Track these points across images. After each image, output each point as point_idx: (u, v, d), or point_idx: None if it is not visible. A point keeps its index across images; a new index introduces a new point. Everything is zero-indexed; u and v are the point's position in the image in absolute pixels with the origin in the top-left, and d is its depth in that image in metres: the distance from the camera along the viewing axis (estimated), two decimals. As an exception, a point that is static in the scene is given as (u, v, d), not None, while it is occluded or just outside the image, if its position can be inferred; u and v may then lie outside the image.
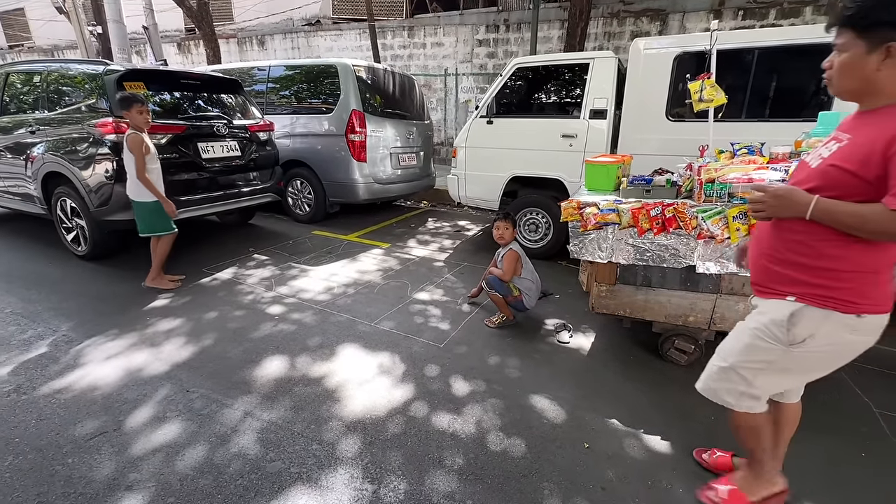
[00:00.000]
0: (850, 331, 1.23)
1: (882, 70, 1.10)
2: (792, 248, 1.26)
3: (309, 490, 1.63)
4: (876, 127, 1.11)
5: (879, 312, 1.22)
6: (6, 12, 15.40)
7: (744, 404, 1.43)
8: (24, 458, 1.75)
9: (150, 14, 9.13)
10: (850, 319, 1.21)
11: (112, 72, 3.57)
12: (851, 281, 1.20)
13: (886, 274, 1.22)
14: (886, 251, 1.19)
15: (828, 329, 1.23)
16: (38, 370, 2.32)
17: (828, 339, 1.25)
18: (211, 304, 3.14)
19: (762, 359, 1.34)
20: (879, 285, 1.21)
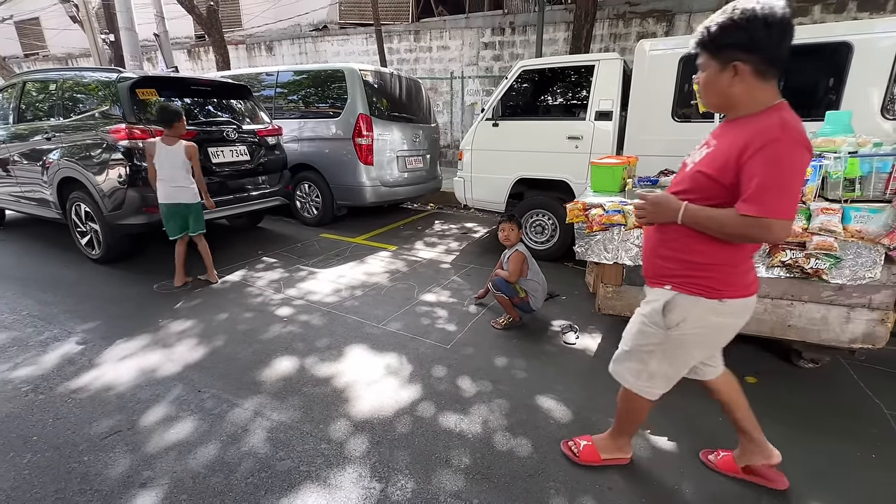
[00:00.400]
0: (715, 314, 1.37)
1: (734, 86, 1.23)
2: (669, 245, 1.41)
3: (318, 488, 1.65)
4: (733, 136, 1.22)
5: (741, 297, 1.36)
6: (22, 22, 15.75)
7: (641, 384, 1.56)
8: (41, 455, 1.80)
9: (160, 22, 9.29)
10: (714, 304, 1.35)
11: (125, 79, 3.65)
12: (714, 271, 1.34)
13: (745, 265, 1.37)
14: (746, 250, 1.34)
15: (697, 313, 1.38)
16: (55, 371, 2.38)
17: (698, 322, 1.39)
18: (221, 306, 3.19)
19: (650, 342, 1.48)
20: (739, 275, 1.36)
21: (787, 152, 1.13)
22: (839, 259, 1.97)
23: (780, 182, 1.14)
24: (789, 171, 1.14)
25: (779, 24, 1.14)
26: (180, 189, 3.34)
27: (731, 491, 1.68)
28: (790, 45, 1.19)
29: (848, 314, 2.10)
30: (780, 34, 1.16)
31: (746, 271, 1.38)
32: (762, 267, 2.12)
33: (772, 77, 1.22)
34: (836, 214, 1.94)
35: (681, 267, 1.38)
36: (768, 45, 1.17)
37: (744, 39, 1.17)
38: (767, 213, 1.15)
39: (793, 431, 1.99)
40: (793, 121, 1.17)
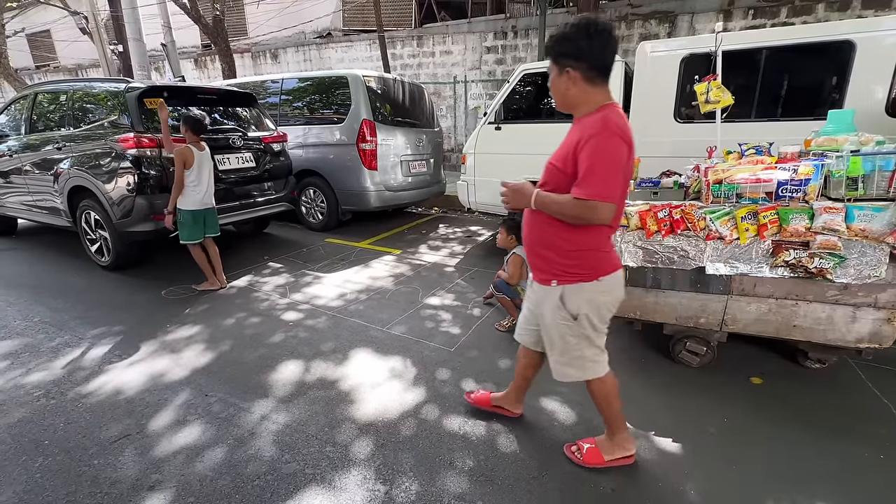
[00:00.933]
0: (600, 293, 1.55)
1: (570, 89, 1.42)
2: (543, 239, 1.55)
3: (323, 490, 1.67)
4: (574, 132, 1.42)
5: (612, 272, 1.55)
6: (34, 34, 16.07)
7: (589, 372, 1.67)
8: (53, 459, 1.83)
9: (168, 32, 9.44)
10: (595, 285, 1.52)
11: (133, 89, 3.72)
12: (583, 258, 1.51)
13: (606, 247, 1.55)
14: (600, 232, 1.49)
15: (585, 297, 1.54)
16: (66, 376, 2.42)
17: (590, 304, 1.55)
18: (228, 311, 3.22)
19: (574, 334, 1.60)
20: (603, 256, 1.53)
21: (605, 144, 1.32)
22: (843, 258, 1.96)
23: (601, 169, 1.33)
24: (608, 159, 1.33)
25: (600, 36, 1.35)
26: (210, 194, 3.47)
27: (732, 492, 1.67)
28: (613, 54, 1.39)
29: (854, 313, 2.08)
30: (601, 45, 1.36)
31: (608, 253, 1.56)
32: (766, 267, 2.11)
33: (601, 81, 1.41)
34: (839, 213, 1.93)
35: (556, 255, 1.53)
36: (592, 54, 1.36)
37: (573, 49, 1.37)
38: (593, 196, 1.34)
39: (800, 432, 1.98)
40: (615, 118, 1.36)
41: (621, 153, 1.35)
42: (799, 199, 2.01)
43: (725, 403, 2.17)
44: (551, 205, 1.44)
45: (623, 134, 1.34)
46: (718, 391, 2.27)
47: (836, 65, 2.95)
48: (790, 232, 2.00)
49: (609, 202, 1.35)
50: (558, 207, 1.43)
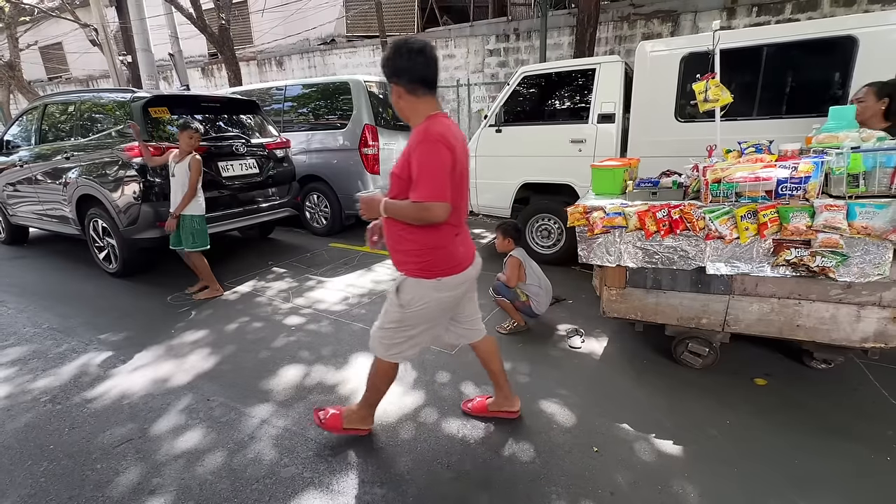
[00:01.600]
0: (436, 290, 1.66)
1: (399, 102, 1.59)
2: (395, 238, 1.67)
3: (321, 494, 1.68)
4: (408, 142, 1.56)
5: (452, 274, 1.66)
6: (46, 47, 16.43)
7: (390, 354, 1.79)
8: (57, 463, 1.86)
9: (175, 42, 9.61)
10: (432, 283, 1.64)
11: (138, 98, 3.79)
12: (426, 256, 1.62)
13: (450, 247, 1.65)
14: (440, 231, 1.59)
15: (421, 292, 1.65)
16: (72, 381, 2.46)
17: (423, 299, 1.66)
18: (231, 317, 3.26)
19: (393, 318, 1.72)
20: (446, 256, 1.65)
21: (428, 150, 1.45)
22: (846, 256, 1.93)
23: (428, 173, 1.46)
24: (433, 164, 1.45)
25: (412, 55, 1.49)
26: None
27: (733, 496, 1.65)
28: (429, 68, 1.52)
29: (858, 312, 2.05)
30: (414, 62, 1.50)
31: (453, 253, 1.66)
32: (767, 266, 2.09)
33: (424, 94, 1.55)
34: (840, 211, 1.89)
35: (405, 255, 1.66)
36: (407, 71, 1.51)
37: (392, 68, 1.53)
38: (425, 198, 1.46)
39: (804, 434, 1.94)
40: (436, 126, 1.49)
41: (444, 157, 1.47)
42: (799, 198, 1.98)
43: (728, 405, 2.14)
44: (396, 211, 1.57)
45: (444, 140, 1.46)
46: (721, 393, 2.24)
47: (838, 61, 2.91)
48: (791, 230, 1.98)
49: (441, 201, 1.48)
50: (401, 212, 1.56)
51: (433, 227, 1.58)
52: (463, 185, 1.63)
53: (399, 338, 1.75)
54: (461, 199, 1.64)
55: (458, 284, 1.70)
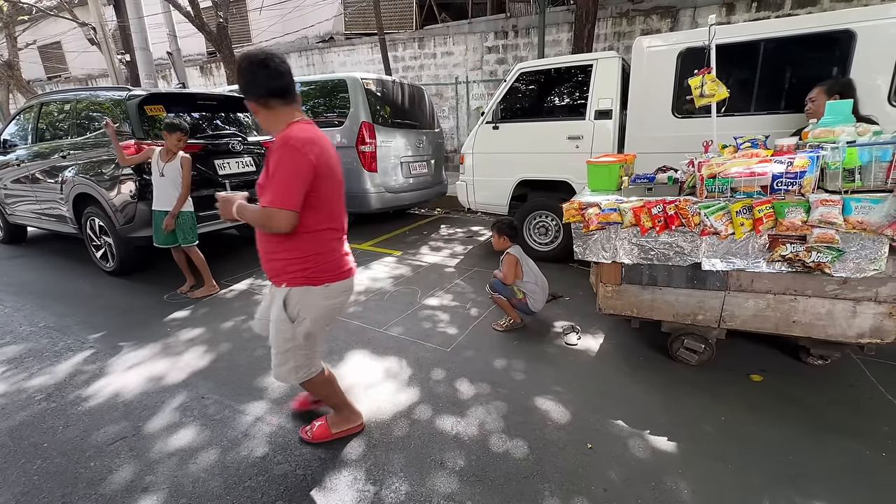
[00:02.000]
0: (324, 298, 1.66)
1: (258, 116, 1.59)
2: (268, 247, 1.63)
3: (313, 491, 1.67)
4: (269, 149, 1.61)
5: (339, 280, 1.67)
6: (45, 46, 16.42)
7: (303, 374, 1.75)
8: (51, 461, 1.86)
9: (173, 40, 9.59)
10: (320, 290, 1.63)
11: (134, 97, 3.78)
12: (308, 262, 1.60)
13: (335, 254, 1.66)
14: (323, 237, 1.61)
15: (309, 301, 1.64)
16: (67, 379, 2.46)
17: (313, 308, 1.65)
18: (227, 315, 3.25)
19: (287, 339, 1.67)
20: (332, 262, 1.65)
21: (282, 156, 1.44)
22: (841, 252, 1.92)
23: (278, 179, 1.44)
24: (283, 170, 1.44)
25: (259, 67, 1.49)
26: None
27: (727, 492, 1.64)
28: (273, 79, 1.51)
29: (854, 308, 2.03)
30: (254, 77, 1.50)
31: (338, 259, 1.67)
32: (763, 262, 2.07)
33: (278, 105, 1.54)
34: (836, 206, 1.88)
35: (284, 264, 1.61)
36: (256, 86, 1.51)
37: (242, 87, 1.55)
38: (271, 204, 1.45)
39: (799, 430, 1.94)
40: (295, 132, 1.48)
41: (298, 163, 1.45)
42: (795, 193, 1.97)
43: (723, 401, 2.13)
44: (246, 213, 1.57)
45: (301, 146, 1.45)
46: (716, 389, 2.23)
47: (836, 55, 2.89)
48: (786, 226, 1.96)
49: (285, 209, 1.45)
50: (250, 215, 1.56)
51: (318, 232, 1.58)
52: (335, 192, 1.62)
53: (300, 357, 1.71)
54: (338, 205, 1.64)
55: (344, 290, 1.71)
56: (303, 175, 1.45)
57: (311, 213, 1.54)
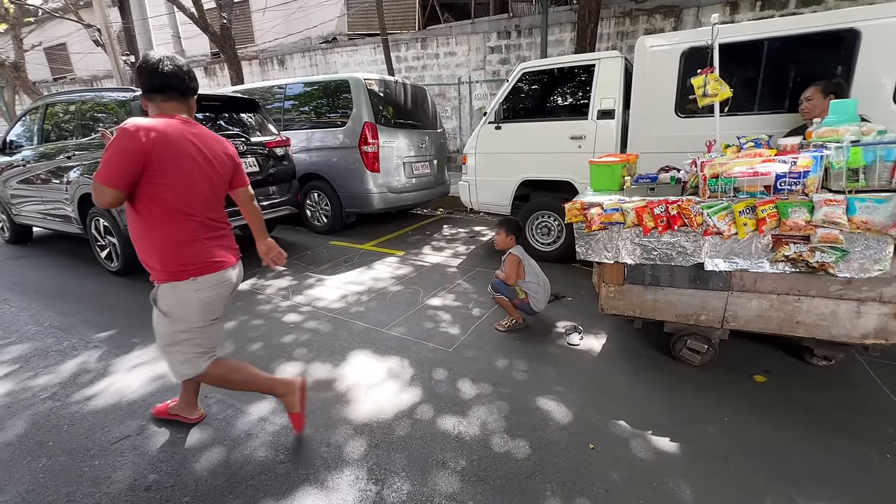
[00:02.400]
0: (193, 291, 1.66)
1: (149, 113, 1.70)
2: (134, 241, 1.68)
3: (315, 490, 1.68)
4: None
5: (208, 273, 1.68)
6: (50, 47, 16.54)
7: (194, 371, 1.77)
8: (55, 460, 1.87)
9: (177, 41, 9.66)
10: (187, 283, 1.65)
11: (139, 97, 3.79)
12: (169, 255, 1.63)
13: (195, 245, 1.66)
14: (181, 226, 1.63)
15: (178, 296, 1.66)
16: (72, 378, 2.48)
17: (185, 304, 1.67)
18: (230, 314, 3.27)
19: (165, 334, 1.73)
20: (193, 254, 1.66)
21: (115, 139, 1.50)
22: (846, 252, 1.91)
23: (104, 157, 1.50)
24: (110, 150, 1.50)
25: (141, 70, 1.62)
26: None
27: (729, 493, 1.63)
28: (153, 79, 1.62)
29: (858, 308, 2.02)
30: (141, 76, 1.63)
31: (202, 251, 1.68)
32: (766, 262, 2.06)
33: (160, 100, 1.65)
34: (840, 206, 1.87)
35: (148, 258, 1.67)
36: (141, 83, 1.64)
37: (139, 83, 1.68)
38: (96, 178, 1.51)
39: (803, 431, 1.93)
40: (150, 120, 1.57)
41: (124, 144, 1.49)
42: (798, 192, 1.96)
43: (727, 402, 2.12)
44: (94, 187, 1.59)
45: (136, 129, 1.49)
46: (720, 389, 2.22)
47: (840, 54, 2.87)
48: (789, 226, 1.95)
49: (106, 186, 1.50)
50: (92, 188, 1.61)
51: (170, 221, 1.61)
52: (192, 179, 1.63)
53: (188, 350, 1.74)
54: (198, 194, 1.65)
55: (218, 283, 1.71)
56: (126, 155, 1.50)
57: (159, 199, 1.59)
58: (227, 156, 1.80)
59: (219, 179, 1.75)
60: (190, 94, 1.73)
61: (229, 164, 1.81)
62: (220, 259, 1.73)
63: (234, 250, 1.84)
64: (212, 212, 1.73)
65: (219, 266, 1.72)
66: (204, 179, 1.68)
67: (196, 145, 1.65)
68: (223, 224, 1.81)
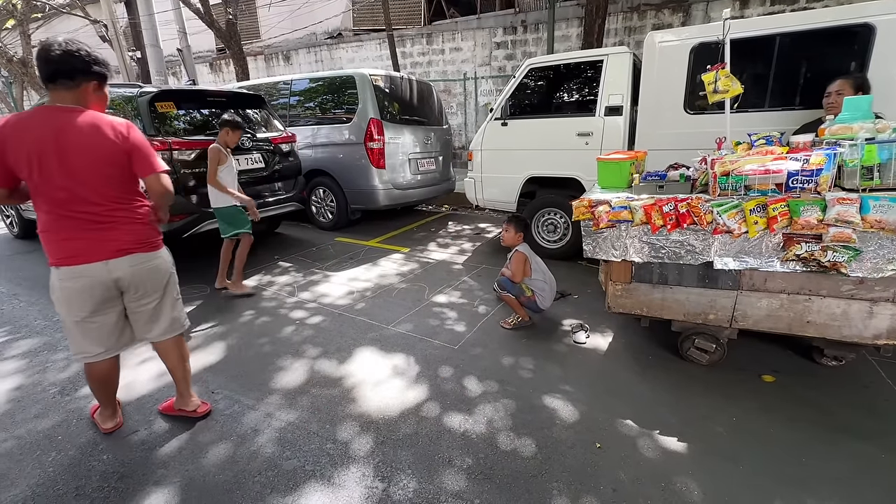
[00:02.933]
0: (57, 279, 1.69)
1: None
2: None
3: (322, 487, 1.68)
4: None
5: (63, 265, 1.67)
6: (58, 43, 16.63)
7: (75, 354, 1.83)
8: (65, 454, 1.89)
9: (183, 37, 9.65)
10: (55, 272, 1.69)
11: (145, 94, 3.81)
12: (44, 242, 1.67)
13: (59, 234, 1.65)
14: (46, 216, 1.63)
15: (52, 281, 1.71)
16: (80, 373, 2.49)
17: (53, 289, 1.71)
18: (237, 311, 3.28)
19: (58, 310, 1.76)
20: (55, 243, 1.66)
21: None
22: (858, 251, 1.88)
23: None
24: None
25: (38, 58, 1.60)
26: None
27: (737, 494, 1.62)
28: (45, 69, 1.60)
29: (871, 309, 1.99)
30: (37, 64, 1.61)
31: (59, 243, 1.66)
32: (776, 261, 2.04)
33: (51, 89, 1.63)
34: (853, 204, 1.84)
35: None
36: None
37: None
38: None
39: (811, 432, 1.91)
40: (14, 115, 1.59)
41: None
42: (810, 191, 1.93)
43: (735, 402, 2.11)
44: None
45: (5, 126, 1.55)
46: (728, 389, 2.21)
47: (854, 50, 2.82)
48: (801, 224, 1.93)
49: None
50: None
51: (39, 212, 1.65)
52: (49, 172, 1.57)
53: (71, 331, 1.78)
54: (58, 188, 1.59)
55: (75, 277, 1.67)
56: None
57: (31, 192, 1.64)
58: (106, 145, 1.63)
59: (87, 171, 1.62)
60: (83, 78, 1.62)
61: (110, 153, 1.64)
62: (69, 254, 1.65)
63: (117, 243, 1.71)
64: (82, 205, 1.63)
65: (69, 261, 1.65)
66: (61, 172, 1.58)
67: (54, 136, 1.56)
68: (104, 216, 1.68)
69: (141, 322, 1.89)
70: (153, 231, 1.86)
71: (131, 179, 1.76)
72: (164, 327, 1.94)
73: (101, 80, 1.70)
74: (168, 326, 1.95)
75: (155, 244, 1.86)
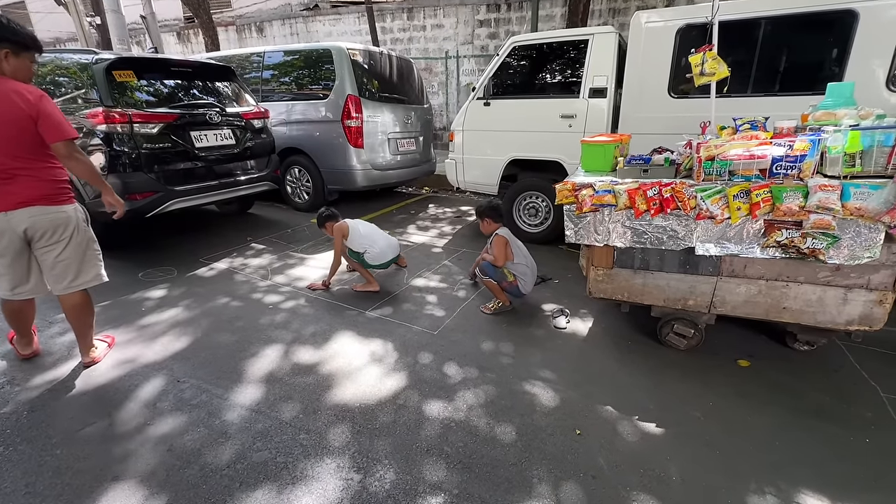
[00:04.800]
0: None
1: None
2: None
3: (294, 479, 1.61)
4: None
5: None
6: (7, 6, 15.39)
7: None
8: (14, 448, 1.76)
9: (147, 3, 9.03)
10: None
11: (101, 60, 3.52)
12: None
13: None
14: None
15: None
16: (33, 362, 2.33)
17: None
18: (206, 295, 3.13)
19: None
20: None
21: None
22: (837, 238, 1.89)
23: None
24: None
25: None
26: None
27: (714, 477, 1.64)
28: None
29: (845, 295, 2.02)
30: None
31: None
32: (757, 248, 2.04)
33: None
34: (834, 191, 1.84)
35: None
36: None
37: None
38: None
39: (785, 416, 1.94)
40: None
41: None
42: (794, 177, 1.92)
43: (712, 387, 2.13)
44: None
45: None
46: (705, 374, 2.22)
47: (837, 36, 2.82)
48: (783, 211, 1.92)
49: None
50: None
51: None
52: None
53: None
54: None
55: None
56: None
57: None
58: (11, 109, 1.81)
59: None
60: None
61: (15, 117, 1.83)
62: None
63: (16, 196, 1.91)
64: None
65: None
66: None
67: None
68: (4, 173, 1.88)
69: (46, 270, 2.08)
70: (59, 189, 2.04)
71: (39, 144, 1.92)
72: (69, 280, 2.11)
73: (15, 49, 1.86)
74: (73, 280, 2.12)
75: (58, 200, 2.03)
